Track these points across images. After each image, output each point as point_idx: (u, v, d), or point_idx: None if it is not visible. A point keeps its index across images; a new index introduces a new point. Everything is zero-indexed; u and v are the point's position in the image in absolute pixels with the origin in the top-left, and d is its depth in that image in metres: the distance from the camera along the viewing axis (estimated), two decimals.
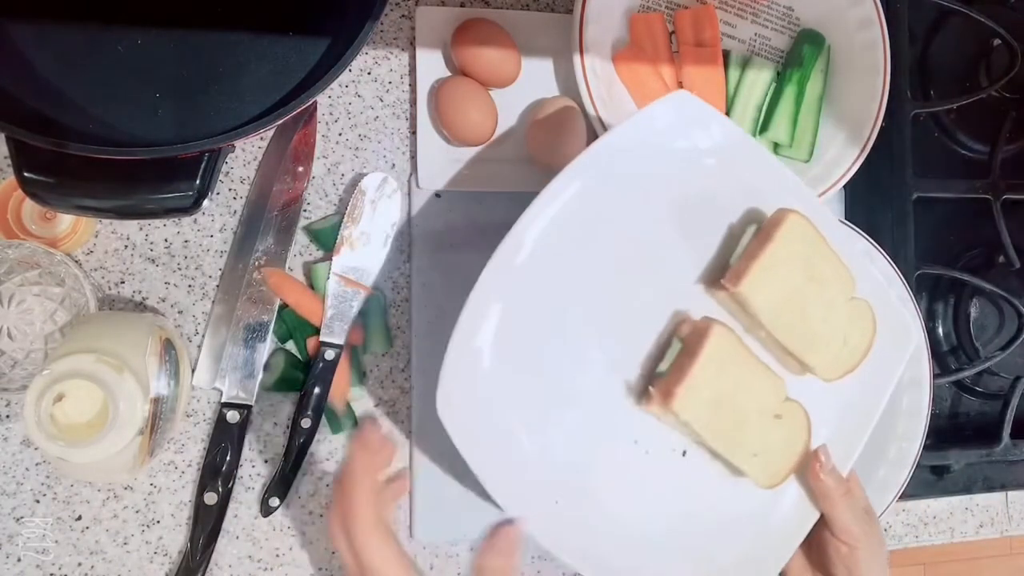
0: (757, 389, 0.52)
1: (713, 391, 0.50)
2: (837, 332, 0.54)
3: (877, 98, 0.67)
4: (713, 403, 0.51)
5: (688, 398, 0.50)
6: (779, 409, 0.53)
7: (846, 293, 0.54)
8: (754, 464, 0.52)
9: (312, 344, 0.60)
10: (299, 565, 0.60)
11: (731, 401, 0.51)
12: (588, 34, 0.62)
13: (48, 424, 0.47)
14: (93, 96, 0.52)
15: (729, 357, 0.51)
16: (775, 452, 0.53)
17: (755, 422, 0.52)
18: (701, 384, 0.50)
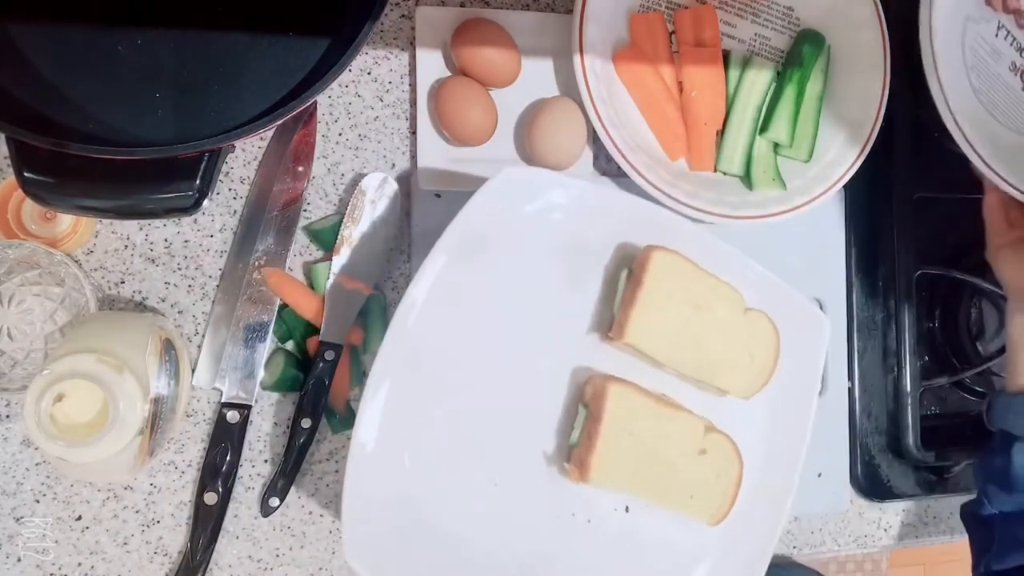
0: (673, 433, 0.51)
1: (627, 449, 0.49)
2: (740, 350, 0.53)
3: (877, 98, 0.67)
4: (632, 460, 0.49)
5: (604, 465, 0.48)
6: (702, 444, 0.52)
7: (737, 309, 0.53)
8: (694, 505, 0.51)
9: (312, 344, 0.60)
10: (299, 565, 0.60)
11: (650, 452, 0.50)
12: (588, 34, 0.62)
13: (48, 424, 0.47)
14: (93, 96, 0.52)
15: (633, 412, 0.50)
16: (711, 487, 0.52)
17: (681, 464, 0.51)
18: (613, 448, 0.48)
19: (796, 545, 0.70)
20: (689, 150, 0.67)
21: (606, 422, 0.48)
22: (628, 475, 0.49)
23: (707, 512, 0.52)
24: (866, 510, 0.72)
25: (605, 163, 0.67)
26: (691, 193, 0.63)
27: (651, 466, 0.50)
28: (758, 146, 0.67)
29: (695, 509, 0.52)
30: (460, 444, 0.49)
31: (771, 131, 0.66)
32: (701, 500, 0.52)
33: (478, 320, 0.50)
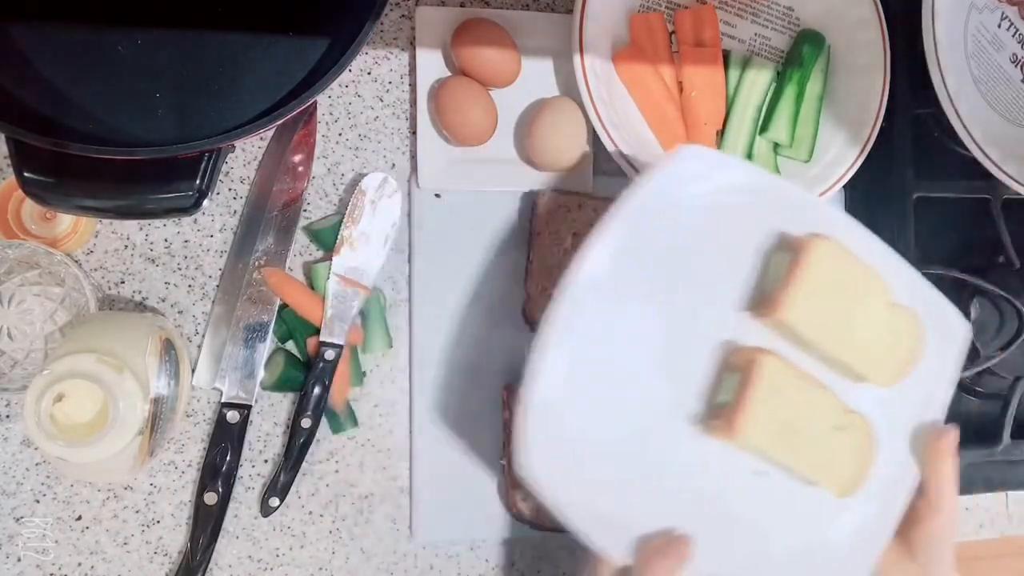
0: (815, 407, 0.54)
1: (773, 415, 0.53)
2: (883, 339, 0.56)
3: (877, 98, 0.67)
4: (776, 426, 0.53)
5: (751, 425, 0.52)
6: (839, 422, 0.55)
7: (885, 302, 0.56)
8: (826, 476, 0.55)
9: (312, 344, 0.60)
10: (299, 565, 0.60)
11: (792, 421, 0.54)
12: (588, 34, 0.62)
13: (48, 424, 0.47)
14: (93, 96, 0.52)
15: (782, 382, 0.53)
16: (844, 461, 0.55)
17: (819, 437, 0.54)
18: (761, 411, 0.52)
19: None
20: None
21: (758, 386, 0.52)
22: (770, 438, 0.53)
23: (837, 484, 0.55)
24: None
25: (605, 163, 0.67)
26: None
27: (792, 433, 0.54)
28: (758, 146, 0.67)
29: (827, 479, 0.55)
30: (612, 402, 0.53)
31: (771, 131, 0.66)
32: (833, 471, 0.55)
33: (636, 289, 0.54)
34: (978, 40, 0.65)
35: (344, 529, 0.61)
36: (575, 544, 0.65)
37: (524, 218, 0.65)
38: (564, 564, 0.65)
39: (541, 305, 0.60)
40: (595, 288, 0.52)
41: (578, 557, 0.53)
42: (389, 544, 0.62)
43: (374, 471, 0.62)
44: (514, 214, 0.65)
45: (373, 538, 0.62)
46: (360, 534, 0.61)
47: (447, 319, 0.63)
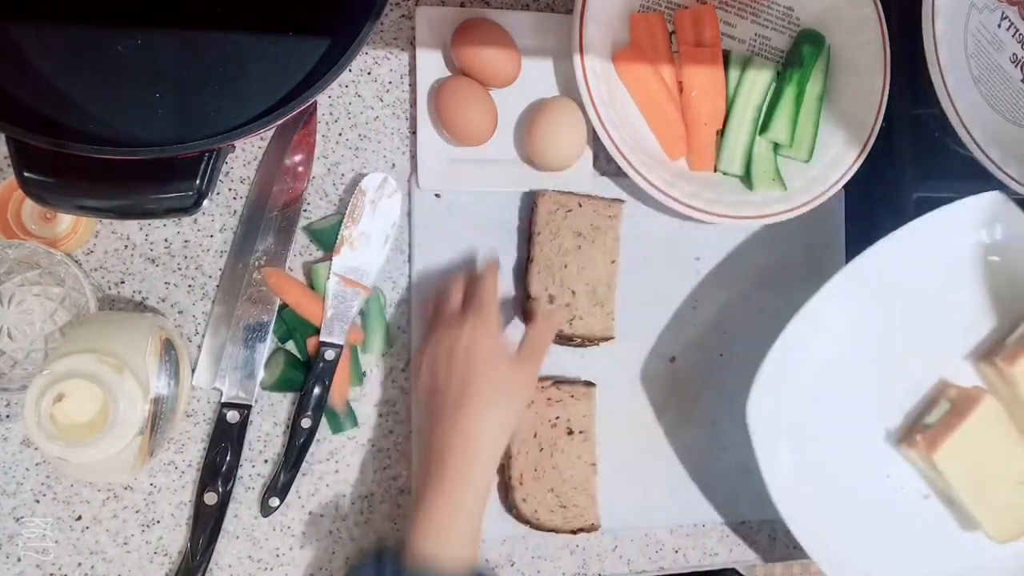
0: (1010, 456, 0.60)
1: (972, 449, 0.59)
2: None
3: (877, 98, 0.67)
4: (969, 459, 0.59)
5: (950, 450, 0.58)
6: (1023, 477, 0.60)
7: None
8: (992, 518, 0.60)
9: (312, 344, 0.60)
10: (299, 565, 0.60)
11: (984, 461, 0.59)
12: (588, 34, 0.62)
13: (48, 424, 0.47)
14: (93, 96, 0.52)
15: (992, 424, 0.59)
16: (1013, 512, 0.60)
17: (1002, 484, 0.60)
18: (964, 441, 0.58)
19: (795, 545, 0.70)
20: (689, 150, 0.67)
21: (971, 419, 0.58)
22: (960, 467, 0.59)
23: (999, 529, 0.60)
24: None
25: (605, 163, 0.67)
26: (691, 193, 0.63)
27: (979, 470, 0.60)
28: (758, 146, 0.67)
29: (990, 521, 0.60)
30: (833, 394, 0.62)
31: (771, 131, 0.66)
32: (1000, 517, 0.60)
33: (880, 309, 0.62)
34: (978, 40, 0.65)
35: (344, 529, 0.61)
36: (575, 544, 0.66)
37: (524, 218, 0.65)
38: (564, 564, 0.65)
39: (541, 304, 0.61)
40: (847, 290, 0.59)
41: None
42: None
43: (374, 471, 0.62)
44: (514, 214, 0.65)
45: (373, 538, 0.62)
46: (360, 534, 0.61)
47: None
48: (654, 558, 0.67)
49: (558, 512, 0.61)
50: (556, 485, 0.61)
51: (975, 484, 0.60)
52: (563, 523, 0.62)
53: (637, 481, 0.66)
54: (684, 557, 0.67)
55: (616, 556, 0.66)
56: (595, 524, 0.62)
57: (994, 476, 0.60)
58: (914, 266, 0.61)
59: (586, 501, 0.62)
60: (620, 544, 0.66)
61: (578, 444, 0.62)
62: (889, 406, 0.63)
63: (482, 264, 0.63)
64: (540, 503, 0.61)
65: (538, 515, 0.61)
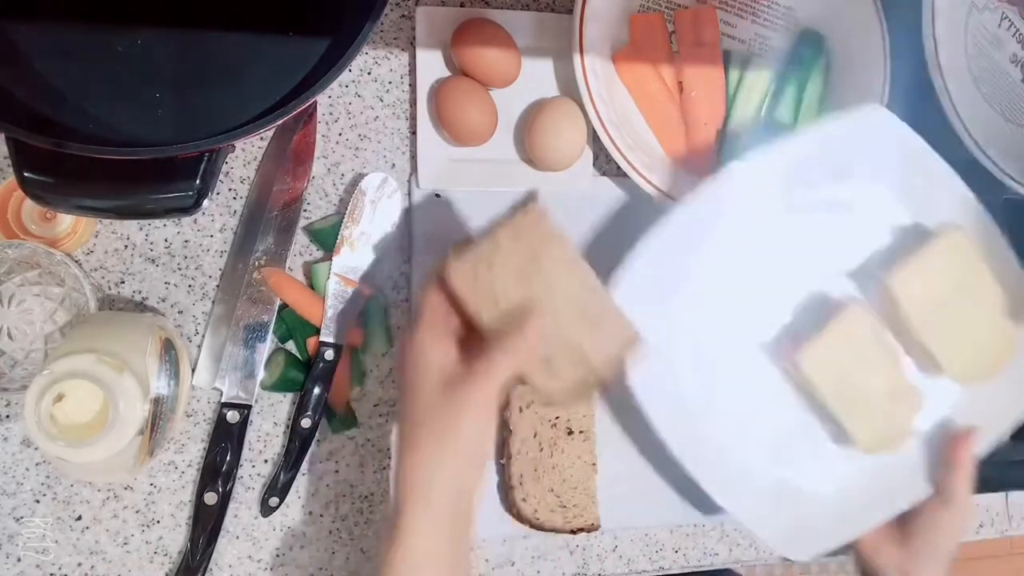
0: (879, 367, 0.58)
1: (839, 357, 0.57)
2: (976, 342, 0.59)
3: (877, 98, 0.67)
4: (836, 368, 0.57)
5: (816, 358, 0.57)
6: (896, 389, 0.59)
7: (993, 311, 0.59)
8: (861, 429, 0.58)
9: (312, 344, 0.60)
10: (299, 565, 0.60)
11: (853, 371, 0.58)
12: (588, 34, 0.62)
13: (48, 424, 0.47)
14: (93, 96, 0.52)
15: (860, 332, 0.58)
16: (883, 425, 0.59)
17: (871, 395, 0.58)
18: (829, 348, 0.57)
19: None
20: (689, 150, 0.67)
21: (836, 326, 0.57)
22: (827, 377, 0.58)
23: (868, 440, 0.58)
24: None
25: (605, 163, 0.67)
26: None
27: (848, 381, 0.58)
28: None
29: (859, 432, 0.58)
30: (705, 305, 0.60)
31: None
32: (869, 428, 0.58)
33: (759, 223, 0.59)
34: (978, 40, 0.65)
35: (344, 529, 0.61)
36: (575, 544, 0.66)
37: None
38: (564, 564, 0.65)
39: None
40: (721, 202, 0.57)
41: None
42: None
43: (374, 471, 0.62)
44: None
45: (373, 538, 0.62)
46: (360, 534, 0.61)
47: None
48: (654, 558, 0.67)
49: (558, 512, 0.62)
50: (556, 485, 0.61)
51: (843, 394, 0.58)
52: (563, 523, 0.62)
53: (637, 481, 0.66)
54: (684, 557, 0.67)
55: (616, 556, 0.66)
56: (595, 524, 0.62)
57: (862, 387, 0.58)
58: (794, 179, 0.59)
59: (586, 501, 0.62)
60: (620, 544, 0.66)
61: (578, 444, 0.62)
62: (765, 319, 0.61)
63: None
64: (540, 503, 0.61)
65: (538, 515, 0.61)
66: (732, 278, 0.60)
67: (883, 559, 0.58)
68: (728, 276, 0.60)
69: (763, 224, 0.59)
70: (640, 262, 0.57)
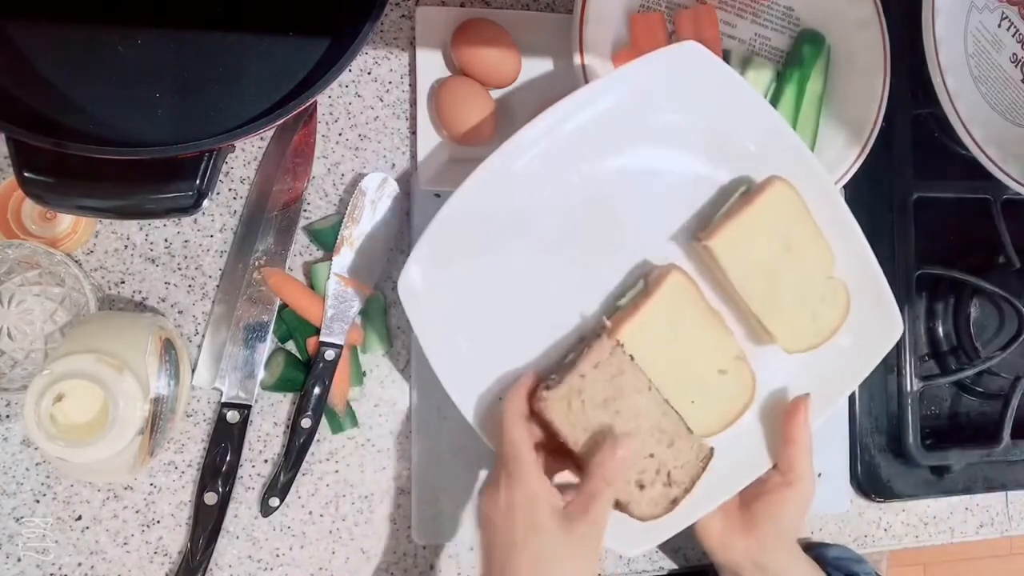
0: (708, 342, 0.53)
1: (663, 332, 0.51)
2: (806, 306, 0.54)
3: (877, 98, 0.67)
4: (661, 345, 0.52)
5: (636, 333, 0.51)
6: (726, 365, 0.53)
7: (824, 271, 0.54)
8: (691, 409, 0.53)
9: (312, 344, 0.60)
10: (299, 565, 0.60)
11: (679, 347, 0.52)
12: (588, 34, 0.62)
13: (48, 424, 0.47)
14: (93, 96, 0.52)
15: (684, 303, 0.52)
16: (713, 404, 0.54)
17: (700, 372, 0.53)
18: (651, 323, 0.51)
19: None
20: None
21: (655, 299, 0.51)
22: (651, 354, 0.51)
23: (698, 422, 0.53)
24: (866, 510, 0.72)
25: None
26: None
27: (675, 359, 0.52)
28: None
29: (689, 414, 0.53)
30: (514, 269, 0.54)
31: None
32: (698, 409, 0.53)
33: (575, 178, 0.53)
34: (978, 40, 0.65)
35: (344, 529, 0.61)
36: None
37: None
38: None
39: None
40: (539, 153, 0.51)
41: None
42: (389, 544, 0.62)
43: (374, 471, 0.62)
44: None
45: (373, 538, 0.62)
46: (360, 534, 0.61)
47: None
48: (654, 558, 0.67)
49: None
50: None
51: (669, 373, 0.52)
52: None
53: None
54: (684, 557, 0.67)
55: (616, 556, 0.66)
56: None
57: (689, 364, 0.53)
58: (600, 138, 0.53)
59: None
60: None
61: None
62: (588, 293, 0.54)
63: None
64: None
65: None
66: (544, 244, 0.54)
67: (733, 552, 0.55)
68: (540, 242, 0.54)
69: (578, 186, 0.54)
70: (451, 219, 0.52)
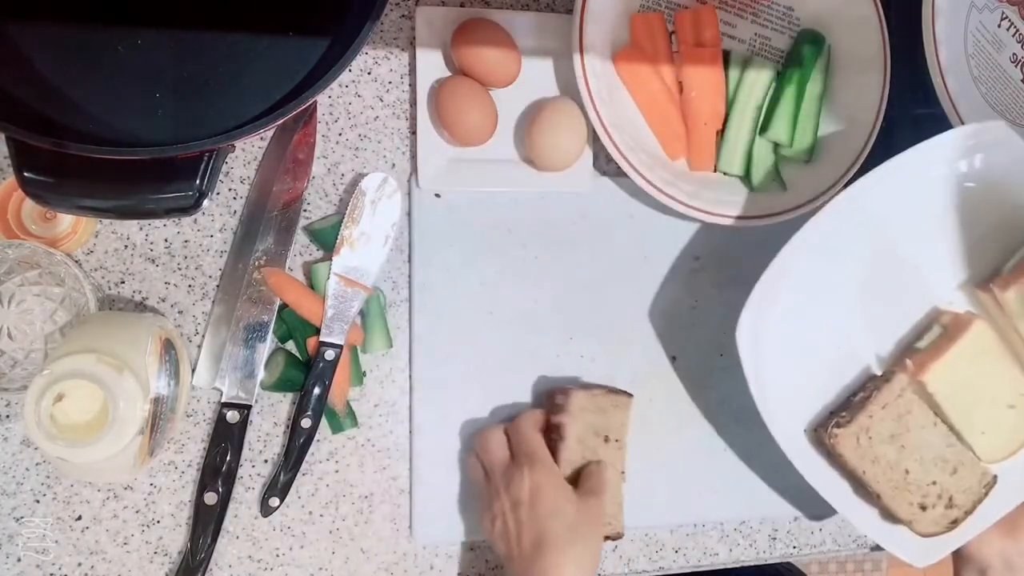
0: (998, 379, 0.61)
1: (962, 372, 0.59)
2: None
3: (877, 98, 0.67)
4: (959, 383, 0.59)
5: (939, 374, 0.59)
6: (1015, 401, 0.60)
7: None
8: (980, 440, 0.60)
9: (312, 344, 0.60)
10: (299, 565, 0.60)
11: (973, 383, 0.60)
12: (588, 34, 0.62)
13: (48, 424, 0.47)
14: (93, 96, 0.52)
15: (983, 347, 0.60)
16: (1001, 434, 0.61)
17: (989, 406, 0.60)
18: (954, 364, 0.59)
19: (796, 545, 0.70)
20: (689, 150, 0.67)
21: (961, 344, 0.59)
22: (949, 390, 0.60)
23: (986, 450, 0.61)
24: None
25: (605, 163, 0.67)
26: (691, 193, 0.63)
27: (967, 393, 0.60)
28: (758, 146, 0.67)
29: (978, 442, 0.61)
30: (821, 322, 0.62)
31: (771, 131, 0.66)
32: (987, 439, 0.61)
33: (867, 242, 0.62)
34: (978, 40, 0.65)
35: (344, 529, 0.61)
36: None
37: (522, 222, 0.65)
38: None
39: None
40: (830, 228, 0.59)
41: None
42: (389, 544, 0.62)
43: (374, 471, 0.62)
44: (514, 214, 0.65)
45: (373, 538, 0.62)
46: (360, 534, 0.61)
47: (447, 319, 0.63)
48: (654, 558, 0.67)
49: None
50: None
51: (962, 407, 0.60)
52: None
53: (637, 481, 0.66)
54: (684, 557, 0.67)
55: (616, 556, 0.66)
56: (620, 532, 0.60)
57: (980, 399, 0.60)
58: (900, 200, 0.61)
59: (615, 509, 0.60)
60: (620, 544, 0.66)
61: (612, 452, 0.61)
62: (881, 335, 0.63)
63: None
64: None
65: None
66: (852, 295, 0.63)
67: (987, 548, 0.60)
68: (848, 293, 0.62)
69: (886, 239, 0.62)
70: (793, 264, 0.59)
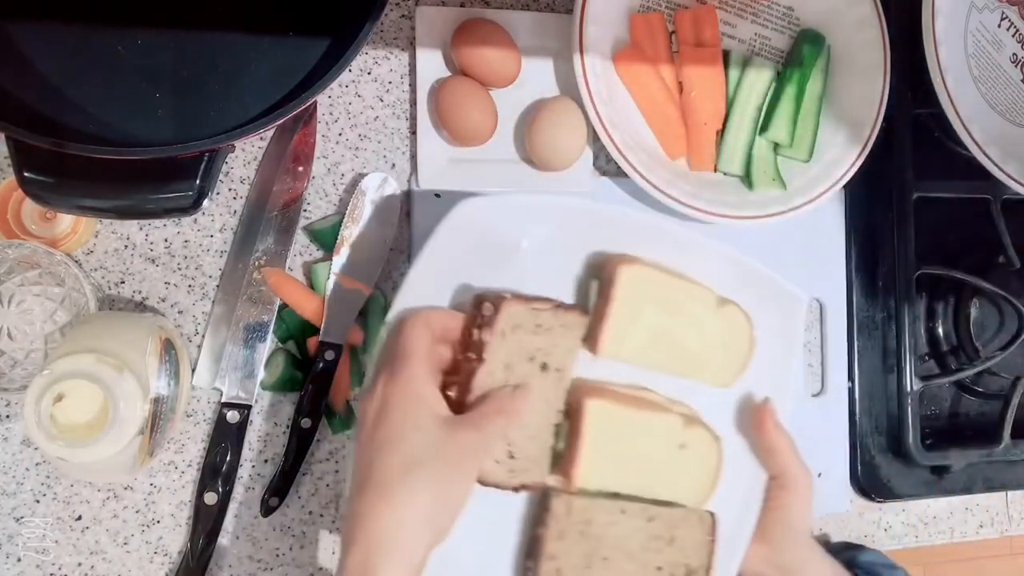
0: (653, 432, 0.52)
1: (610, 455, 0.50)
2: (715, 344, 0.55)
3: (877, 98, 0.67)
4: (615, 463, 0.51)
5: (589, 468, 0.50)
6: (681, 440, 0.53)
7: (710, 306, 0.54)
8: (678, 490, 0.53)
9: (312, 344, 0.60)
10: (299, 565, 0.60)
11: (632, 453, 0.52)
12: (588, 34, 0.62)
13: (48, 424, 0.47)
14: (93, 96, 0.52)
15: (612, 420, 0.50)
16: (694, 473, 0.54)
17: (663, 460, 0.53)
18: (595, 456, 0.50)
19: None
20: (689, 150, 0.67)
21: (586, 434, 0.49)
22: (614, 475, 0.51)
23: (692, 497, 0.54)
24: (866, 510, 0.72)
25: (605, 163, 0.67)
26: (691, 193, 0.64)
27: (634, 465, 0.52)
28: (758, 146, 0.67)
29: (682, 496, 0.53)
30: None
31: (771, 131, 0.66)
32: (685, 488, 0.54)
33: None
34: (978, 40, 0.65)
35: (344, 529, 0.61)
36: None
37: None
38: None
39: None
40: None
41: None
42: None
43: None
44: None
45: None
46: None
47: None
48: None
49: (504, 463, 0.48)
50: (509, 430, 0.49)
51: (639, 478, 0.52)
52: (506, 477, 0.48)
53: None
54: None
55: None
56: (542, 484, 0.50)
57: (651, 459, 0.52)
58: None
59: (538, 455, 0.49)
60: None
61: (550, 384, 0.50)
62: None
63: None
64: None
65: None
66: None
67: (752, 562, 0.55)
68: None
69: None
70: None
